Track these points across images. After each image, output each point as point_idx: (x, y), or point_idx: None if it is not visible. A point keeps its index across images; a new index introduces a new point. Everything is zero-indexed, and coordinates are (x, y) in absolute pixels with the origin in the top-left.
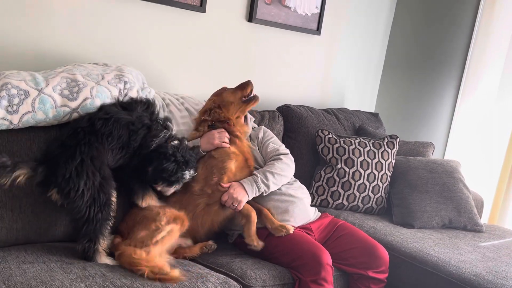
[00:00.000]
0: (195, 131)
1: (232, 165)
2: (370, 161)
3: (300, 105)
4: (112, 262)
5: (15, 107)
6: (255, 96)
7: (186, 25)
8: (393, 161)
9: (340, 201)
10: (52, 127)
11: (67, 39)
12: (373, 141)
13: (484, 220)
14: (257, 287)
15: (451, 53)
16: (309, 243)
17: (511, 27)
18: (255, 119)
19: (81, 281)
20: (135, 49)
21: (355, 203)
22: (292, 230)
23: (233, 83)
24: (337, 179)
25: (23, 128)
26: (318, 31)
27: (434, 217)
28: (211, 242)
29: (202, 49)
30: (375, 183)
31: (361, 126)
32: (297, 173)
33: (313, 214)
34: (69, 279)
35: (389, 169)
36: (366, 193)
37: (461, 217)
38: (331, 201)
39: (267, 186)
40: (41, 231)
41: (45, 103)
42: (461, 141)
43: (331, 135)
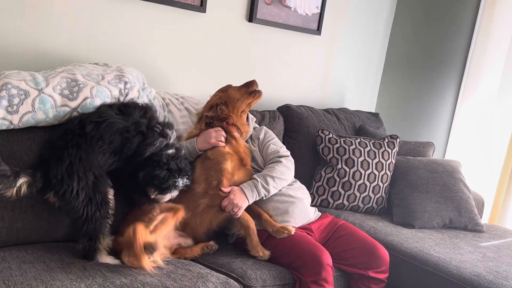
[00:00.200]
0: (194, 126)
1: (228, 165)
2: (370, 161)
3: (300, 105)
4: (113, 261)
5: (15, 107)
6: (260, 90)
7: (186, 25)
8: (394, 161)
9: (340, 201)
10: (52, 127)
11: (67, 39)
12: (373, 141)
13: (484, 220)
14: (258, 287)
15: (452, 53)
16: (310, 244)
17: (511, 28)
18: (255, 119)
19: (81, 281)
20: (135, 49)
21: (356, 203)
22: (293, 231)
23: (233, 83)
24: (338, 179)
25: (23, 128)
26: (318, 31)
27: (434, 217)
28: (212, 242)
29: (202, 49)
30: (376, 183)
31: (361, 126)
32: (298, 173)
33: (313, 214)
34: (69, 279)
35: (389, 169)
36: (366, 193)
37: (461, 217)
38: (331, 201)
39: (268, 190)
40: (42, 231)
41: (45, 103)
42: (462, 141)
43: (331, 135)
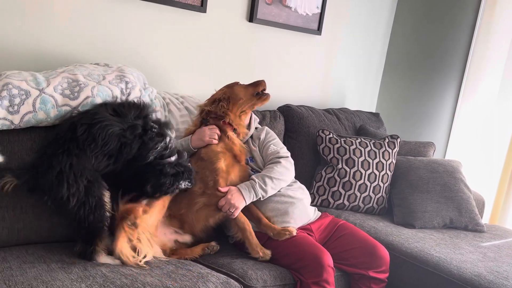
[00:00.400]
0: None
1: (222, 164)
2: (371, 161)
3: (300, 105)
4: (113, 261)
5: (16, 107)
6: (267, 93)
7: (186, 25)
8: (394, 161)
9: (341, 201)
10: (53, 127)
11: (68, 40)
12: (374, 141)
13: (485, 220)
14: (258, 287)
15: (452, 53)
16: (310, 245)
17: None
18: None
19: (82, 281)
20: (135, 49)
21: (356, 203)
22: (295, 232)
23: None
24: (338, 179)
25: (24, 128)
26: (318, 31)
27: (435, 217)
28: (213, 243)
29: (202, 49)
30: (376, 183)
31: (362, 126)
32: (298, 173)
33: (313, 214)
34: (70, 279)
35: (390, 169)
36: (367, 193)
37: (462, 217)
38: (332, 201)
39: (265, 191)
40: (42, 231)
41: (46, 103)
42: (462, 141)
43: (332, 135)
